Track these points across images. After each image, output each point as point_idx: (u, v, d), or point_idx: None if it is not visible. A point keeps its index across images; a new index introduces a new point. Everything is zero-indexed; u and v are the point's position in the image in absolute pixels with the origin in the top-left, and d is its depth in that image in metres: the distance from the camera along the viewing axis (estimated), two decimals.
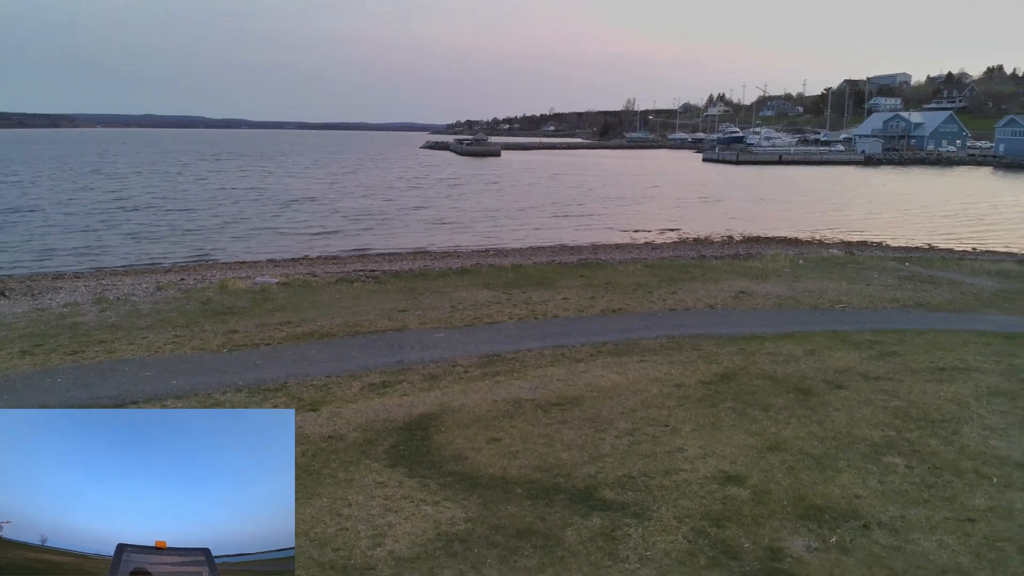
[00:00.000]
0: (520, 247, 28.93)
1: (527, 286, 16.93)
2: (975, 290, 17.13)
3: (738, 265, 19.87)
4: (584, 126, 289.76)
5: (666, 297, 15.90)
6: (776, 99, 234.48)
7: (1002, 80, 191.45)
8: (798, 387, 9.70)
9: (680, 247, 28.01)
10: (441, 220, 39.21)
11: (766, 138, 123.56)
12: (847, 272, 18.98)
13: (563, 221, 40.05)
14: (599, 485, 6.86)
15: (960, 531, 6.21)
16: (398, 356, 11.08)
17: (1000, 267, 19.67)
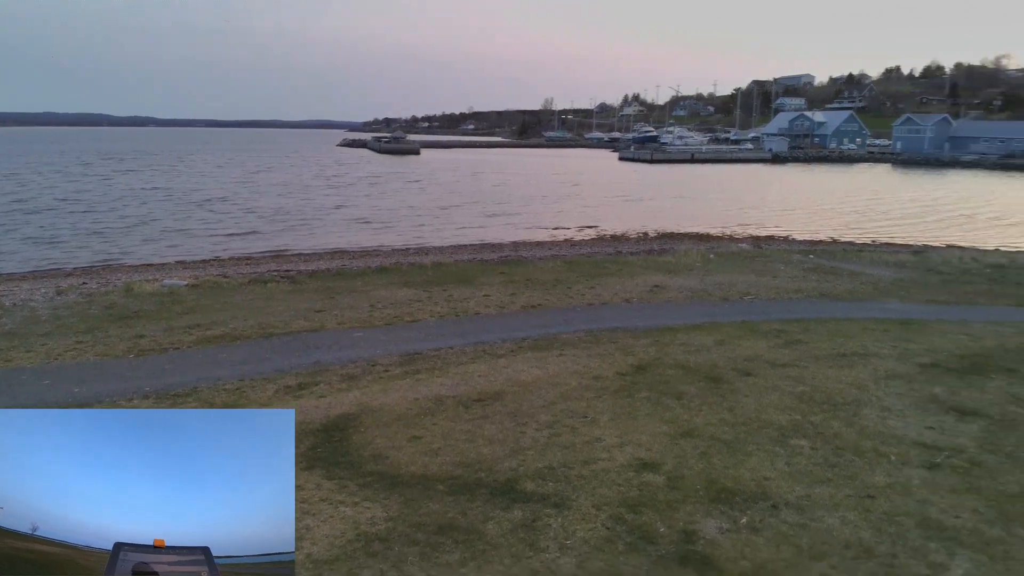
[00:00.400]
0: (442, 245, 28.86)
1: (448, 284, 16.92)
2: (874, 280, 18.11)
3: (653, 260, 20.39)
4: (503, 125, 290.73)
5: (584, 292, 16.18)
6: (688, 99, 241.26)
7: (899, 81, 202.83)
8: (709, 376, 10.04)
9: (598, 244, 28.52)
10: (362, 219, 38.70)
11: (679, 137, 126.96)
12: (755, 265, 19.75)
13: (485, 219, 40.17)
14: (520, 478, 6.94)
15: (861, 507, 6.57)
16: (314, 357, 10.89)
17: (897, 258, 20.88)
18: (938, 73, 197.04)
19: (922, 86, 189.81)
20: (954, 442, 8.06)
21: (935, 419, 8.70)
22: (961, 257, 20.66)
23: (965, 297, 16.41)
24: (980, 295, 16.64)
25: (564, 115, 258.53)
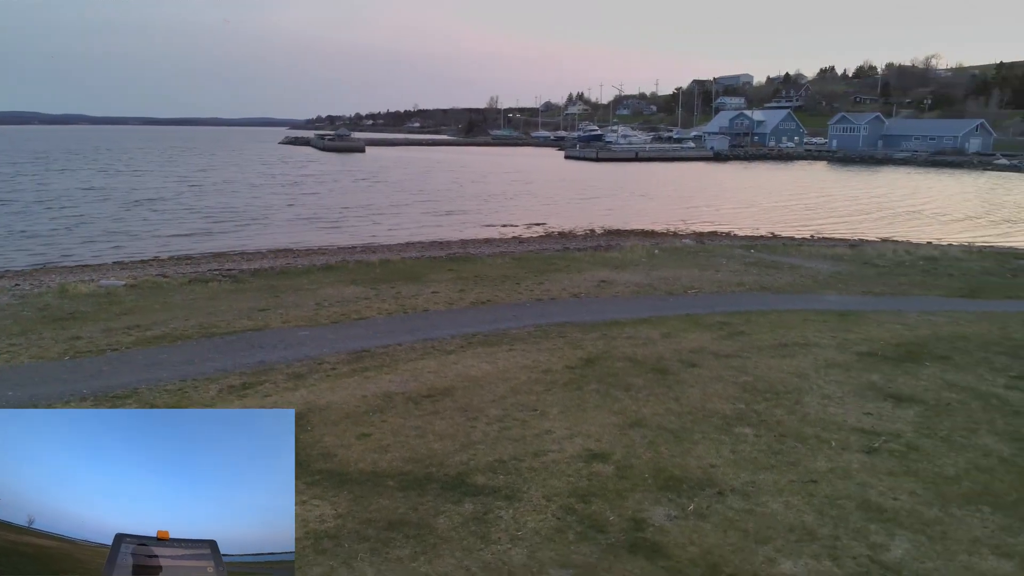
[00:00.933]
0: (390, 243, 28.60)
1: (396, 281, 16.77)
2: (813, 273, 18.62)
3: (599, 256, 20.58)
4: (449, 123, 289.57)
5: (533, 288, 16.23)
6: (631, 98, 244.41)
7: (834, 80, 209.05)
8: (656, 367, 10.19)
9: (546, 241, 28.64)
10: (309, 218, 37.99)
11: (623, 136, 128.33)
12: (699, 260, 20.11)
13: (436, 218, 39.95)
14: (471, 471, 6.92)
15: (804, 492, 6.75)
16: (259, 356, 10.66)
17: (834, 252, 21.52)
18: (871, 73, 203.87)
19: (855, 86, 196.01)
20: (892, 427, 8.35)
21: (873, 406, 9.00)
22: (895, 250, 21.41)
23: (900, 288, 17.01)
24: (914, 286, 17.27)
25: (510, 113, 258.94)
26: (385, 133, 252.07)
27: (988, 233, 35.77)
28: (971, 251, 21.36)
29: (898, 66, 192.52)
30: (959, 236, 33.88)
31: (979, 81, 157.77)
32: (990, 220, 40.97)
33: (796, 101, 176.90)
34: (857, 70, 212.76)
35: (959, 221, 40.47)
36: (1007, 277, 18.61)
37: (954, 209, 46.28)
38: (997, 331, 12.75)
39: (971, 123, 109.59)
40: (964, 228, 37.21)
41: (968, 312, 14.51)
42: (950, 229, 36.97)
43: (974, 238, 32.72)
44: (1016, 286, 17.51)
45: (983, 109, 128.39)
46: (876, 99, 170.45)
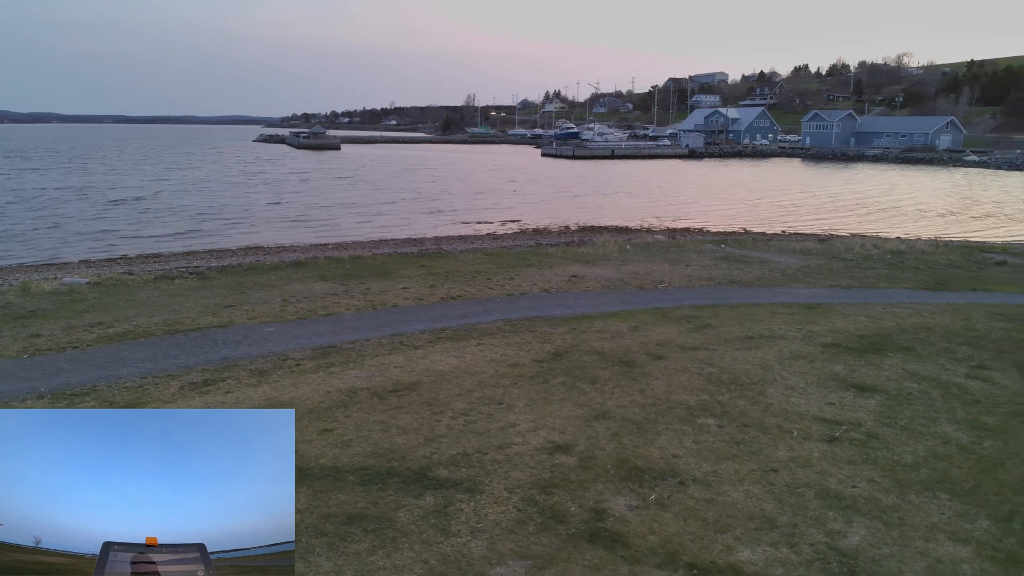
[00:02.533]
0: (362, 240, 28.44)
1: (366, 277, 16.66)
2: (781, 267, 18.78)
3: (571, 252, 20.60)
4: (426, 121, 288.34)
5: (504, 283, 16.20)
6: (608, 96, 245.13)
7: (807, 78, 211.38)
8: (623, 360, 10.21)
9: (520, 236, 28.63)
10: (291, 217, 37.38)
11: (599, 134, 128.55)
12: (669, 255, 20.20)
13: (411, 215, 39.77)
14: (434, 465, 6.88)
15: (765, 481, 6.79)
16: (222, 353, 10.53)
17: (803, 246, 21.70)
18: (844, 71, 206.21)
19: (829, 83, 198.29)
20: (853, 416, 8.43)
21: (836, 396, 9.08)
22: (864, 245, 21.65)
23: (866, 281, 17.20)
24: (880, 279, 17.48)
25: (487, 111, 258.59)
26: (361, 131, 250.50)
27: (957, 228, 36.34)
28: (938, 245, 21.66)
29: (870, 64, 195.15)
30: (928, 231, 34.40)
31: (950, 79, 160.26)
32: (960, 215, 41.62)
33: (770, 99, 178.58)
34: (830, 68, 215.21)
35: (928, 216, 41.07)
36: (972, 270, 18.89)
37: (925, 205, 46.95)
38: (960, 322, 12.94)
39: (941, 120, 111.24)
40: (934, 223, 37.77)
41: (932, 304, 14.72)
42: (920, 224, 37.50)
43: (942, 233, 33.24)
44: (981, 278, 17.80)
45: (953, 106, 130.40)
46: (849, 97, 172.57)
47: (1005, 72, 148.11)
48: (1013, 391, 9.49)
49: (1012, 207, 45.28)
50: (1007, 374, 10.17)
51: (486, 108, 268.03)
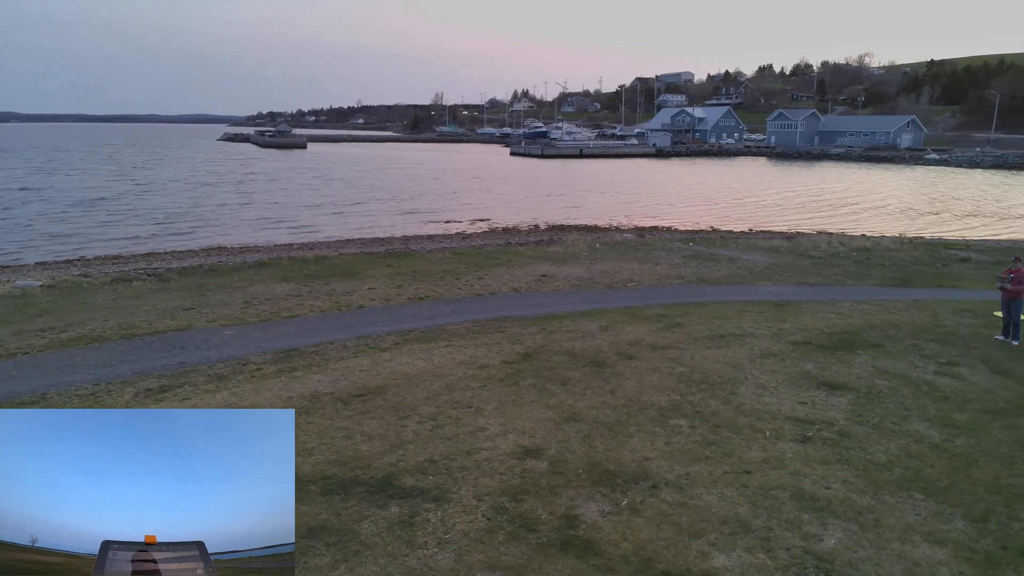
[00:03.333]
0: (329, 240, 27.99)
1: (331, 278, 16.30)
2: (750, 265, 18.80)
3: (541, 251, 20.42)
4: (394, 119, 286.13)
5: (473, 283, 15.97)
6: (575, 96, 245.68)
7: (771, 78, 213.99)
8: (593, 360, 10.05)
9: (489, 236, 28.41)
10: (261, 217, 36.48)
11: (568, 133, 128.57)
12: (639, 253, 20.12)
13: (383, 216, 39.32)
14: (399, 473, 6.64)
15: (738, 483, 6.66)
16: (180, 357, 10.15)
17: (771, 244, 21.75)
18: (807, 71, 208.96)
19: (792, 83, 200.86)
20: (825, 415, 8.36)
21: (807, 394, 9.01)
22: (830, 242, 21.79)
23: (834, 278, 17.28)
24: (847, 276, 17.57)
25: (455, 110, 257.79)
26: (328, 129, 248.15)
27: (920, 224, 36.91)
28: (903, 242, 21.89)
29: (833, 64, 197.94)
30: (893, 228, 34.85)
31: (910, 78, 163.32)
32: (922, 212, 42.27)
33: (736, 98, 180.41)
34: (794, 68, 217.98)
35: (891, 214, 41.67)
36: (937, 266, 19.10)
37: (889, 202, 47.66)
38: (928, 319, 13.01)
39: (903, 119, 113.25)
40: (898, 220, 38.30)
41: (900, 300, 14.81)
42: (884, 221, 38.02)
43: (906, 229, 33.71)
44: (946, 275, 17.99)
45: (914, 105, 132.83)
46: (812, 96, 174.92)
47: (964, 72, 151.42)
48: (982, 387, 9.51)
49: (973, 205, 46.13)
50: (976, 370, 10.20)
51: (454, 107, 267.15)
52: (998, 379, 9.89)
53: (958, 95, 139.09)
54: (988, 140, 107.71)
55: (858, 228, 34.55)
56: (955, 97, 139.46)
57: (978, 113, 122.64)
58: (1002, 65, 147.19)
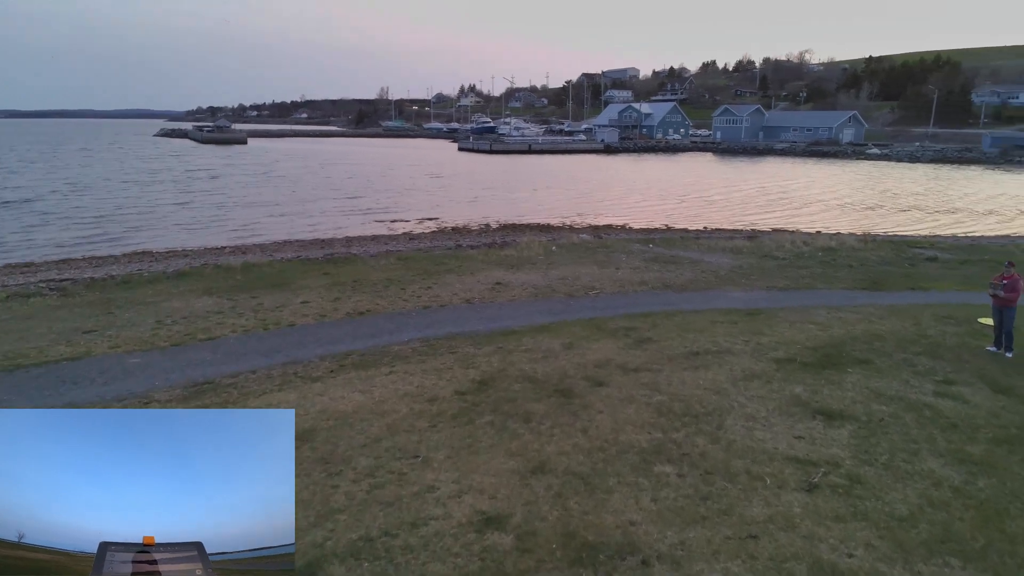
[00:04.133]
0: (263, 242, 26.19)
1: (259, 289, 14.66)
2: (714, 268, 17.81)
3: (494, 254, 19.08)
4: (339, 114, 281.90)
5: (420, 293, 14.55)
6: (523, 91, 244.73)
7: (715, 74, 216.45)
8: (559, 388, 8.79)
9: (438, 237, 26.96)
10: (197, 219, 34.15)
11: (516, 128, 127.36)
12: (597, 256, 18.95)
13: (326, 215, 37.45)
14: (326, 558, 5.26)
15: (744, 553, 5.48)
16: (68, 395, 8.53)
17: (733, 244, 20.81)
18: (749, 67, 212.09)
19: (735, 79, 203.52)
20: (827, 453, 7.25)
21: (803, 426, 7.91)
22: (794, 241, 20.98)
23: (803, 282, 16.40)
24: (816, 279, 16.71)
25: (402, 104, 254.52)
26: (271, 124, 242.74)
27: (876, 220, 36.74)
28: (867, 241, 21.22)
29: (774, 60, 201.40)
30: (850, 225, 34.54)
31: (850, 75, 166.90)
32: (877, 207, 42.26)
33: (681, 94, 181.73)
34: (737, 64, 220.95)
35: (845, 210, 41.57)
36: (905, 266, 18.42)
37: (840, 198, 47.69)
38: (911, 328, 12.12)
39: (844, 115, 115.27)
40: (852, 216, 38.08)
41: (875, 306, 13.95)
42: (839, 218, 37.79)
43: (865, 226, 33.43)
44: (915, 276, 17.28)
45: (854, 101, 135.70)
46: (755, 92, 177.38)
47: (901, 68, 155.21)
48: (987, 410, 8.56)
49: (930, 199, 46.35)
50: (975, 389, 9.27)
51: (401, 101, 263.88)
52: (1001, 399, 8.97)
53: (896, 91, 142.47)
54: (926, 135, 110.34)
55: (814, 224, 34.11)
56: (893, 93, 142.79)
57: (915, 108, 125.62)
58: (938, 61, 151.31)
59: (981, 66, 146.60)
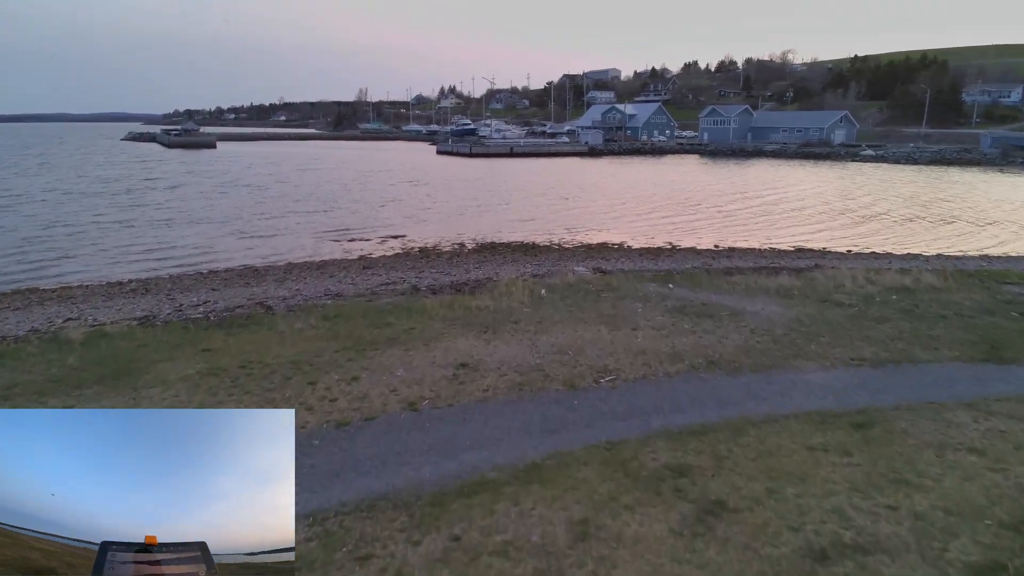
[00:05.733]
0: (182, 273, 21.15)
1: (87, 386, 9.42)
2: (764, 322, 12.90)
3: (461, 304, 13.93)
4: (317, 116, 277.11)
5: (338, 391, 9.37)
6: (504, 92, 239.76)
7: (697, 74, 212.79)
8: None
9: (398, 265, 21.96)
10: (131, 243, 28.63)
11: (497, 130, 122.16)
12: (603, 306, 13.93)
13: (273, 236, 32.32)
14: None
15: None
16: None
17: (778, 283, 15.79)
18: (732, 67, 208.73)
19: (718, 79, 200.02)
20: None
21: None
22: (855, 278, 16.01)
23: (895, 348, 11.53)
24: (910, 342, 11.84)
25: (381, 106, 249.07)
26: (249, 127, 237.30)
27: (921, 236, 31.98)
28: (945, 275, 16.31)
29: (757, 60, 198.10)
30: (896, 242, 29.82)
31: (835, 74, 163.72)
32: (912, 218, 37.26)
33: (664, 95, 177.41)
34: (719, 64, 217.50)
35: (877, 219, 36.87)
36: (1013, 316, 13.62)
37: (863, 205, 42.92)
38: None
39: (836, 115, 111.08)
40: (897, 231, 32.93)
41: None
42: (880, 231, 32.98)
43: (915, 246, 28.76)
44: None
45: (842, 101, 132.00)
46: (739, 92, 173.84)
47: (887, 67, 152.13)
48: None
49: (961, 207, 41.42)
50: None
51: (380, 103, 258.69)
52: None
53: (882, 91, 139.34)
54: (919, 135, 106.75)
55: (851, 242, 29.24)
56: (880, 92, 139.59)
57: (903, 108, 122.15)
58: (924, 60, 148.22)
59: (967, 65, 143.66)
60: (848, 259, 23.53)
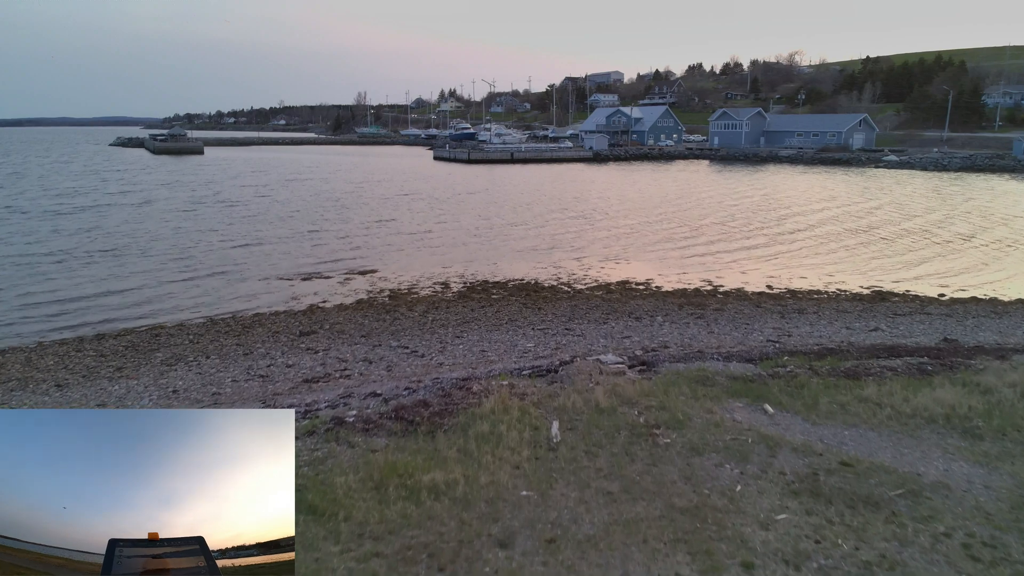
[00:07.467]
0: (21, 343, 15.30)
1: None
2: (980, 520, 6.74)
3: (402, 483, 7.17)
4: (317, 120, 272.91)
5: None
6: (504, 95, 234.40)
7: (702, 77, 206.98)
8: None
9: (345, 334, 16.06)
10: (59, 284, 22.82)
11: (497, 135, 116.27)
12: (666, 478, 7.33)
13: (219, 282, 26.41)
14: None
15: None
16: None
17: (939, 399, 9.14)
18: (737, 69, 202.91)
19: (724, 81, 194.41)
20: None
21: None
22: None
23: None
24: None
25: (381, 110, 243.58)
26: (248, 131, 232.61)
27: None
28: None
29: (763, 62, 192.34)
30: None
31: (847, 76, 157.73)
32: (1013, 243, 31.13)
33: (669, 98, 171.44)
34: (724, 67, 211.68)
35: (976, 248, 30.88)
36: None
37: (940, 226, 36.88)
38: None
39: (855, 118, 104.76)
40: (1012, 266, 26.83)
41: None
42: (989, 266, 26.84)
43: None
44: None
45: (856, 103, 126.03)
46: (747, 95, 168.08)
47: (902, 69, 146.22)
48: None
49: None
50: None
51: (379, 107, 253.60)
52: None
53: (898, 93, 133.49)
54: (941, 139, 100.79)
55: (976, 285, 22.87)
56: (896, 95, 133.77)
57: (922, 111, 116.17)
58: (939, 61, 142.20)
59: (986, 66, 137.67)
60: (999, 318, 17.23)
